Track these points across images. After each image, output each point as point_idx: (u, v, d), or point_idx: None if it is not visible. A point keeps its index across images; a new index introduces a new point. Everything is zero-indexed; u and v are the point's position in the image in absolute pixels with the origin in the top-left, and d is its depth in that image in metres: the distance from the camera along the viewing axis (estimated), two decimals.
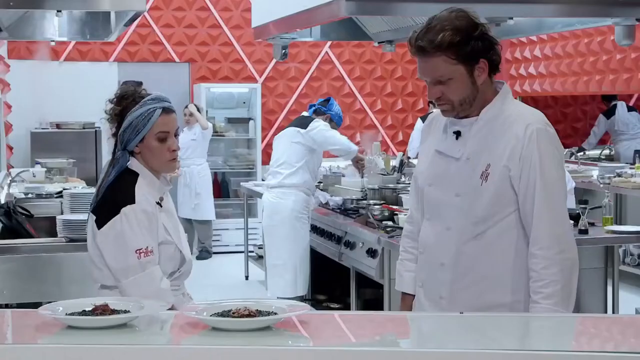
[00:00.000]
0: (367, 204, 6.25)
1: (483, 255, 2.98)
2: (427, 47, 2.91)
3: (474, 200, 2.96)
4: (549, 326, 2.45)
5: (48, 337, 2.11)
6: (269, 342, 2.07)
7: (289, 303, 2.24)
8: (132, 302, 2.22)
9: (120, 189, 3.27)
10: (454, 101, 2.98)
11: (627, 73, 9.66)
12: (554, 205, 2.94)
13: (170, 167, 3.42)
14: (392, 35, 6.91)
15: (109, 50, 11.21)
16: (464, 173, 3.00)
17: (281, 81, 11.78)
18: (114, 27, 7.44)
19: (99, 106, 11.48)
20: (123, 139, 3.32)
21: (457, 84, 2.95)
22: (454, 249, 3.01)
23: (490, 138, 2.98)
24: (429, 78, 2.98)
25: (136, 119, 3.28)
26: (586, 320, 2.76)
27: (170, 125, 3.36)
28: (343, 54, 11.91)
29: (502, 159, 2.94)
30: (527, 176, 2.92)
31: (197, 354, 2.03)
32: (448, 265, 3.03)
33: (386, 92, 12.09)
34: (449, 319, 2.48)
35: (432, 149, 3.15)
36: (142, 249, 3.18)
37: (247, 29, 11.52)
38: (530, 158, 2.91)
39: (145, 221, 3.23)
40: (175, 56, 11.45)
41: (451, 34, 2.89)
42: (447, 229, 3.03)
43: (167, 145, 3.34)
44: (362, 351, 2.05)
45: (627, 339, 2.32)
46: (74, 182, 8.06)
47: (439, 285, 3.06)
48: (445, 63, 2.92)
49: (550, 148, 2.95)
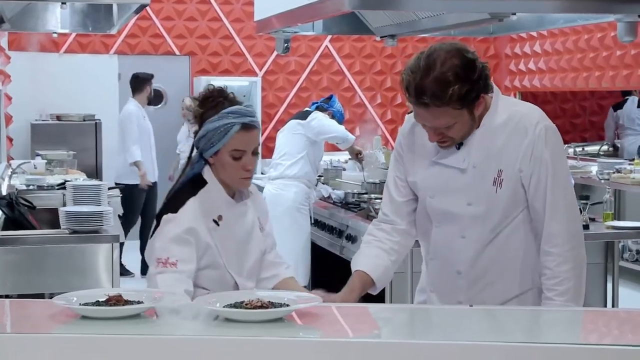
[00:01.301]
0: (368, 198, 6.28)
1: (498, 256, 2.99)
2: (430, 104, 2.82)
3: (489, 208, 2.94)
4: (563, 319, 2.47)
5: (62, 327, 2.13)
6: (281, 333, 2.09)
7: (301, 295, 2.26)
8: (145, 293, 2.25)
9: (175, 197, 3.10)
10: (456, 139, 2.94)
11: (627, 69, 9.68)
12: (566, 202, 2.95)
13: (241, 184, 3.15)
14: (395, 29, 6.90)
15: (109, 43, 11.21)
16: (474, 182, 2.96)
17: (281, 75, 11.79)
18: (116, 19, 7.44)
19: (99, 98, 11.51)
20: (199, 145, 3.11)
21: (459, 126, 2.90)
22: (470, 257, 3.00)
23: (495, 143, 2.96)
24: (430, 125, 2.91)
25: (211, 131, 3.05)
26: (597, 314, 2.77)
27: (249, 143, 3.09)
28: (343, 48, 11.91)
29: (515, 162, 2.93)
30: (538, 174, 2.91)
31: (210, 345, 2.05)
32: (465, 272, 3.02)
33: (386, 86, 12.10)
34: (459, 312, 2.50)
35: (425, 159, 3.07)
36: (162, 259, 2.93)
37: (247, 22, 11.53)
38: (541, 156, 2.91)
39: (177, 233, 2.98)
40: (176, 49, 11.46)
41: (459, 87, 2.79)
42: (462, 237, 3.00)
43: (242, 164, 3.08)
44: (374, 343, 2.07)
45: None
46: (75, 174, 8.07)
47: (456, 291, 3.05)
48: (450, 113, 2.85)
49: (557, 144, 2.97)
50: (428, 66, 2.81)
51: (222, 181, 3.12)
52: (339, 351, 2.03)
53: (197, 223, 3.02)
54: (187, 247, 2.97)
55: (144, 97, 9.40)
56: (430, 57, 2.82)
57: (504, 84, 12.32)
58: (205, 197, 3.08)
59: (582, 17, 6.21)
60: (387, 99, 12.14)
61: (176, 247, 2.95)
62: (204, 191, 3.09)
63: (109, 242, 5.15)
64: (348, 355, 2.02)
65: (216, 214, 3.08)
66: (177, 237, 2.96)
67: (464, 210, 2.97)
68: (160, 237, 2.99)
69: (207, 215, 3.06)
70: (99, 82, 11.04)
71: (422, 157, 3.08)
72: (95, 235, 5.16)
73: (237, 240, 3.12)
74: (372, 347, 2.04)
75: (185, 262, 2.95)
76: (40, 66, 10.84)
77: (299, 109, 10.64)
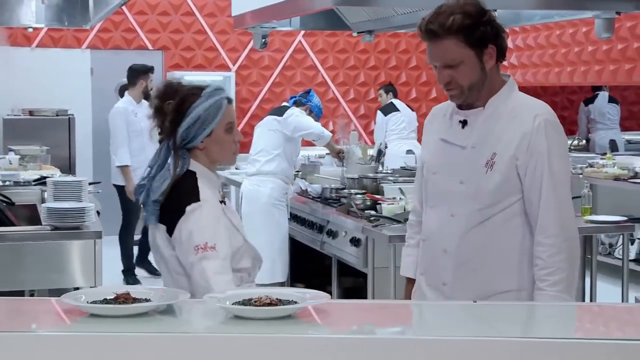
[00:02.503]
0: (348, 193, 6.29)
1: (487, 242, 3.03)
2: (437, 31, 2.96)
3: (478, 188, 3.01)
4: (558, 314, 2.50)
5: (72, 325, 2.13)
6: (290, 330, 2.10)
7: (309, 292, 2.27)
8: (153, 291, 2.25)
9: (182, 190, 3.14)
10: (464, 86, 3.01)
11: (598, 65, 9.77)
12: (561, 194, 3.00)
13: (233, 159, 3.33)
14: (372, 25, 6.94)
15: (82, 37, 11.14)
16: (469, 161, 3.05)
17: (255, 70, 11.78)
18: (92, 14, 7.41)
19: (72, 93, 11.31)
20: (187, 136, 3.15)
21: (466, 68, 2.98)
22: (457, 236, 3.06)
23: (496, 127, 3.03)
24: (439, 62, 3.02)
25: (205, 111, 3.13)
26: (595, 308, 2.80)
27: (234, 115, 3.30)
28: (317, 43, 11.93)
29: (509, 148, 2.99)
30: (534, 165, 2.97)
31: (219, 342, 2.06)
32: (451, 251, 3.08)
33: (359, 81, 12.13)
34: (463, 308, 2.53)
35: (436, 138, 3.19)
36: (201, 245, 3.02)
37: (220, 17, 11.51)
38: (538, 148, 2.96)
39: (209, 218, 3.09)
40: (149, 43, 11.41)
41: (461, 17, 2.94)
42: (451, 216, 3.07)
43: (234, 136, 3.25)
44: (381, 339, 2.09)
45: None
46: (49, 170, 8.00)
47: (441, 272, 3.11)
48: (456, 46, 2.96)
49: (557, 138, 3.01)
50: (439, 7, 3.01)
51: (214, 162, 3.26)
52: (348, 348, 2.04)
53: (217, 206, 3.17)
54: (221, 230, 3.10)
55: (138, 92, 8.55)
56: (443, 3, 3.02)
57: None
58: (205, 183, 3.19)
59: (560, 13, 6.27)
60: (360, 94, 12.17)
61: (211, 231, 3.06)
62: (200, 179, 3.19)
63: (91, 239, 5.11)
64: (357, 352, 2.03)
65: (219, 196, 3.25)
66: (209, 223, 3.08)
67: (457, 188, 3.06)
68: (192, 224, 3.06)
69: (216, 198, 3.21)
70: (72, 76, 10.97)
71: (433, 136, 3.21)
72: (77, 231, 5.12)
73: (237, 217, 3.34)
74: (382, 343, 2.06)
75: (223, 245, 3.07)
76: (11, 60, 10.76)
77: (272, 104, 10.66)
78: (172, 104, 3.15)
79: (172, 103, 3.15)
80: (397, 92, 11.18)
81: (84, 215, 5.18)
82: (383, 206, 5.68)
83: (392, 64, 12.20)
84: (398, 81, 12.15)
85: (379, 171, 7.36)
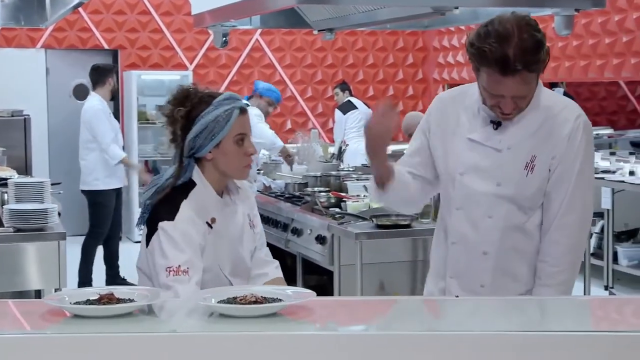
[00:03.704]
0: (312, 191, 6.30)
1: (524, 243, 3.01)
2: (524, 70, 2.80)
3: (517, 191, 2.96)
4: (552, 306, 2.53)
5: (55, 326, 2.11)
6: (275, 328, 2.10)
7: (295, 290, 2.27)
8: (137, 291, 2.24)
9: (166, 201, 3.02)
10: (523, 108, 2.96)
11: (569, 61, 9.87)
12: (586, 197, 3.00)
13: (244, 173, 3.16)
14: (334, 23, 6.93)
15: (36, 37, 11.02)
16: (507, 163, 2.98)
17: (212, 68, 11.74)
18: (49, 14, 7.33)
19: (28, 93, 11.03)
20: (194, 145, 3.03)
21: (531, 93, 2.94)
22: (497, 237, 3.00)
23: (533, 128, 2.97)
24: (514, 94, 2.88)
25: (212, 121, 2.99)
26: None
27: (247, 126, 3.09)
28: (274, 42, 11.92)
29: (552, 149, 2.95)
30: (566, 163, 2.94)
31: (204, 341, 2.05)
32: (492, 253, 3.02)
33: (316, 79, 12.15)
34: (449, 302, 2.55)
35: (459, 137, 3.08)
36: (173, 267, 2.89)
37: (177, 15, 11.45)
38: (577, 147, 2.94)
39: (180, 239, 2.94)
40: (104, 43, 11.31)
41: (545, 52, 2.83)
42: (489, 217, 3.01)
43: (244, 149, 3.07)
44: (368, 335, 2.10)
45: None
46: (5, 171, 7.90)
47: (481, 274, 3.05)
48: (534, 79, 2.88)
49: (591, 140, 3.00)
50: (510, 33, 2.79)
51: (213, 180, 3.09)
52: (334, 345, 2.05)
53: (194, 227, 2.99)
54: (192, 254, 2.94)
55: (107, 91, 8.30)
56: (506, 24, 2.81)
57: (432, 77, 12.48)
58: (196, 199, 3.03)
59: (519, 10, 6.31)
60: (318, 92, 12.18)
61: (183, 254, 2.92)
62: (193, 193, 3.04)
63: (56, 240, 5.07)
64: (343, 349, 2.04)
65: (209, 216, 3.04)
66: (181, 244, 2.93)
67: (493, 190, 2.99)
68: (164, 245, 2.93)
69: (201, 217, 3.02)
70: (27, 76, 10.85)
71: (455, 134, 3.09)
72: (41, 233, 5.07)
73: (230, 241, 3.10)
74: (367, 340, 2.07)
75: (196, 269, 2.93)
76: None
77: None
78: (182, 111, 3.02)
79: (183, 110, 3.02)
80: (352, 90, 11.21)
81: (47, 217, 5.13)
82: (348, 204, 5.70)
83: (350, 62, 12.23)
84: (355, 79, 12.18)
85: (341, 169, 7.38)
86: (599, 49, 9.46)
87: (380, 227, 5.26)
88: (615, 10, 9.20)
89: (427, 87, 12.59)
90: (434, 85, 12.50)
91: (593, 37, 9.52)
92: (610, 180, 7.95)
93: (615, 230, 8.08)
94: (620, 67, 9.20)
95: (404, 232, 5.32)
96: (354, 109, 10.72)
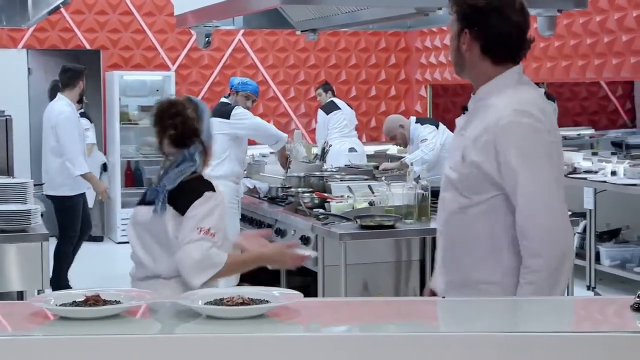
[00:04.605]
0: (296, 192, 6.30)
1: (466, 231, 2.98)
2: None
3: (458, 177, 3.00)
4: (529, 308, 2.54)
5: (41, 328, 2.10)
6: (263, 329, 2.09)
7: (282, 291, 2.27)
8: (123, 293, 2.23)
9: (201, 179, 3.65)
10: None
11: (550, 61, 9.90)
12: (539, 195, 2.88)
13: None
14: (317, 23, 6.93)
15: (17, 37, 10.96)
16: (456, 148, 3.05)
17: (194, 69, 11.71)
18: (31, 14, 7.30)
19: (9, 94, 10.83)
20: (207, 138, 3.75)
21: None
22: (444, 217, 3.08)
23: (476, 118, 2.98)
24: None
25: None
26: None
27: None
28: (256, 42, 11.91)
29: (472, 144, 2.93)
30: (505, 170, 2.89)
31: (191, 343, 2.05)
32: (441, 231, 3.13)
33: (299, 80, 12.14)
34: (435, 304, 2.55)
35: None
36: (205, 228, 3.42)
37: (159, 16, 11.43)
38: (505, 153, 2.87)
39: (219, 209, 3.53)
40: (87, 43, 11.27)
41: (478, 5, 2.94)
42: (443, 198, 3.10)
43: None
44: (355, 337, 2.10)
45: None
46: None
47: (438, 251, 3.18)
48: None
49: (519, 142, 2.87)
50: None
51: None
52: (321, 347, 2.05)
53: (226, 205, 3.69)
54: (222, 225, 3.52)
55: (76, 94, 8.02)
56: None
57: (414, 77, 12.50)
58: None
59: None
60: (300, 92, 12.18)
61: (216, 221, 3.47)
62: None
63: (39, 241, 5.05)
64: (331, 350, 2.04)
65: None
66: (218, 214, 3.50)
67: (447, 172, 3.08)
68: (206, 208, 3.48)
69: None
70: (8, 77, 10.78)
71: None
72: (24, 234, 5.06)
73: None
74: (354, 341, 2.07)
75: (219, 238, 3.47)
76: None
77: (213, 103, 10.54)
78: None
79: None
80: (335, 91, 11.21)
81: (30, 218, 5.11)
82: (332, 204, 5.70)
83: (332, 63, 12.24)
84: (338, 79, 12.19)
85: (324, 169, 7.38)
86: (581, 50, 9.50)
87: (364, 227, 5.26)
88: (597, 11, 9.24)
89: (409, 88, 12.61)
90: (417, 85, 12.52)
91: (575, 37, 9.57)
92: (592, 180, 7.99)
93: (597, 230, 8.12)
94: (602, 67, 9.25)
95: (388, 233, 5.33)
96: (337, 109, 10.71)
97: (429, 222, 5.46)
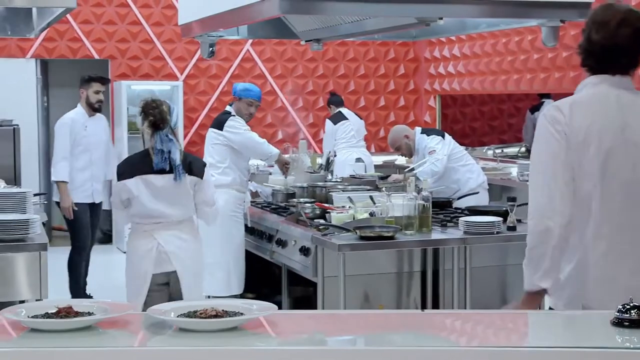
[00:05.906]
0: (297, 202, 6.27)
1: None
2: None
3: None
4: None
5: (12, 340, 2.07)
6: (236, 342, 2.07)
7: (256, 303, 2.24)
8: (96, 304, 2.20)
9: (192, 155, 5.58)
10: None
11: (544, 72, 9.87)
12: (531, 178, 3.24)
13: None
14: (321, 33, 6.92)
15: (26, 47, 11.00)
16: None
17: (202, 79, 11.72)
18: (36, 24, 7.31)
19: (17, 103, 10.88)
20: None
21: None
22: None
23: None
24: None
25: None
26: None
27: None
28: (264, 52, 11.90)
29: None
30: None
31: (163, 355, 2.02)
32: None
33: (308, 90, 12.13)
34: (410, 316, 2.52)
35: None
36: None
37: (167, 26, 11.44)
38: None
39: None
40: (95, 53, 11.29)
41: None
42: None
43: None
44: (328, 350, 2.07)
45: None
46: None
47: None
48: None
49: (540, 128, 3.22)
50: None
51: None
52: (295, 359, 2.02)
53: None
54: None
55: (83, 102, 8.00)
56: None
57: (423, 87, 12.47)
58: None
59: (505, 21, 6.30)
60: (309, 102, 12.16)
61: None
62: None
63: (37, 251, 5.05)
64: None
65: None
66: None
67: None
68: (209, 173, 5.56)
69: None
70: (17, 86, 10.81)
71: None
72: (22, 244, 5.05)
73: None
74: (329, 354, 2.04)
75: None
76: None
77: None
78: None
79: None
80: (344, 101, 11.19)
81: (29, 227, 5.11)
82: (332, 215, 5.67)
83: (341, 73, 12.22)
84: (346, 90, 12.17)
85: (328, 180, 7.35)
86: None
87: (363, 238, 5.23)
88: None
89: (418, 98, 12.58)
90: (426, 96, 12.49)
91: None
92: None
93: None
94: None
95: (387, 244, 5.29)
96: (345, 119, 10.69)
97: (429, 233, 5.43)
